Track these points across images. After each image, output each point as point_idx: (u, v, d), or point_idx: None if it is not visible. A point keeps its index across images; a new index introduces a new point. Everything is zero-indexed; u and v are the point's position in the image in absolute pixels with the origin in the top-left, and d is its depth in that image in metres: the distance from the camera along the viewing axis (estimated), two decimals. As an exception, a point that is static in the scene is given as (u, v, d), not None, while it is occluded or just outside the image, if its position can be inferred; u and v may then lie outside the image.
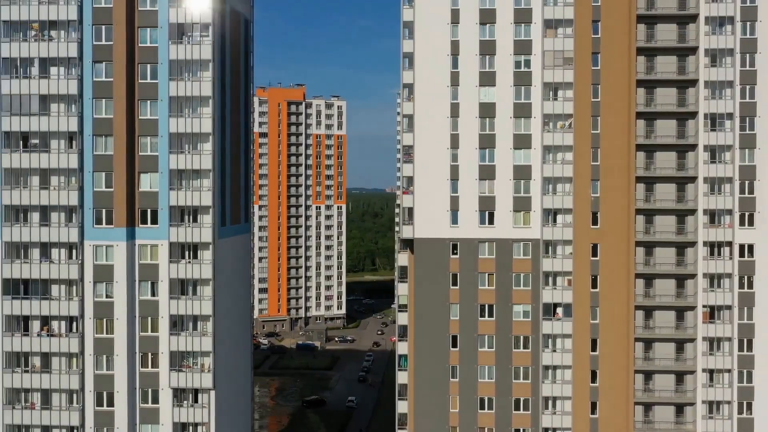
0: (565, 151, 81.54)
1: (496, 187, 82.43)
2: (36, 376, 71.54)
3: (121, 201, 70.94)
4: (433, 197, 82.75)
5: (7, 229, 71.15)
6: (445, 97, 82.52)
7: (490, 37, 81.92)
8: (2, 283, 71.29)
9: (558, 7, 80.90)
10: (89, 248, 71.26)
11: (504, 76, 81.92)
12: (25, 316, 71.91)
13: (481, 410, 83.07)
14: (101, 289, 71.64)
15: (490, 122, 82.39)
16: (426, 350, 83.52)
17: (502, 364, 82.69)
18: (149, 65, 71.59)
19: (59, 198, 70.85)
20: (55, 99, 71.11)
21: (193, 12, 71.08)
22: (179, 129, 71.42)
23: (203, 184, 72.21)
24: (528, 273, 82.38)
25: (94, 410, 71.74)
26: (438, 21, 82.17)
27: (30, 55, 70.64)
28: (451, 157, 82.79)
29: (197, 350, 72.05)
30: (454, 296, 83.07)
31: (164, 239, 71.77)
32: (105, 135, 71.18)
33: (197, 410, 72.21)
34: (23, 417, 71.65)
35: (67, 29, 70.80)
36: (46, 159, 70.92)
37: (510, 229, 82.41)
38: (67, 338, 71.15)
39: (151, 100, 71.63)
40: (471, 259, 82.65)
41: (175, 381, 72.04)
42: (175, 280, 71.96)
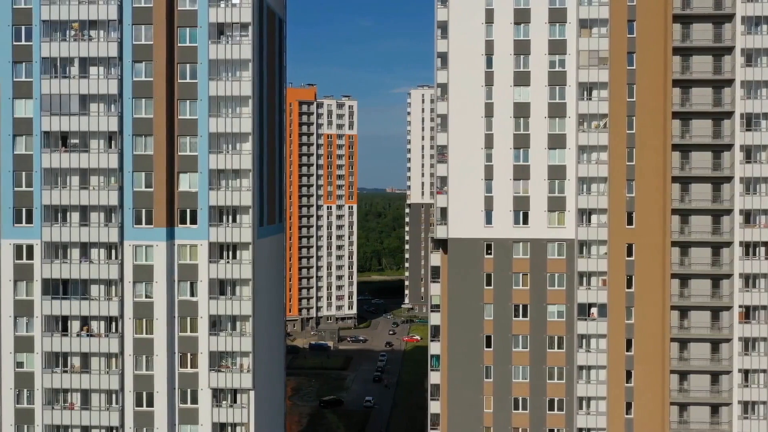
0: (600, 151, 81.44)
1: (531, 187, 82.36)
2: (75, 377, 71.35)
3: (161, 201, 70.78)
4: (468, 197, 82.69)
5: (47, 229, 70.97)
6: (479, 96, 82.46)
7: (525, 37, 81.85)
8: (42, 284, 71.05)
9: (593, 6, 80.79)
10: (129, 248, 71.11)
11: (538, 76, 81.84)
12: (64, 317, 71.69)
13: (516, 410, 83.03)
14: (140, 290, 71.48)
15: (524, 122, 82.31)
16: (460, 350, 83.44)
17: (536, 365, 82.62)
18: (188, 65, 71.41)
19: (99, 198, 70.67)
20: (94, 99, 70.92)
21: (233, 11, 70.88)
22: (219, 129, 71.26)
23: (242, 184, 72.06)
24: (562, 273, 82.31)
25: (134, 411, 71.57)
26: (472, 21, 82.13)
27: (70, 55, 70.43)
28: (485, 157, 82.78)
29: (236, 350, 71.89)
30: (488, 296, 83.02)
31: (203, 239, 71.61)
32: (144, 135, 70.99)
33: (236, 410, 72.07)
34: (63, 417, 71.42)
35: (107, 29, 70.61)
36: (86, 159, 70.74)
37: (544, 229, 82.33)
38: (107, 338, 71.00)
39: (190, 100, 71.46)
40: (505, 259, 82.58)
41: (215, 381, 71.89)
42: (215, 280, 71.80)
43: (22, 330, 71.85)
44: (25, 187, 71.44)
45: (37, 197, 71.19)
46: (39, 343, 71.46)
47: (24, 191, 71.38)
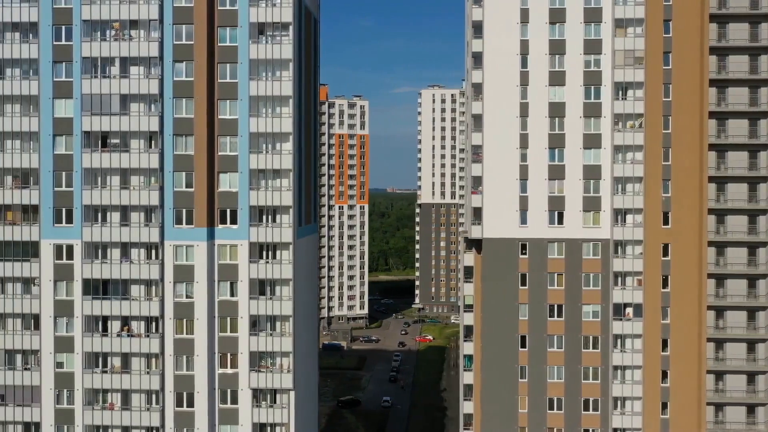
0: (635, 150, 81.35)
1: (566, 186, 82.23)
2: (116, 377, 71.26)
3: (202, 201, 70.70)
4: (502, 197, 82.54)
5: (87, 229, 70.90)
6: (514, 96, 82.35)
7: (560, 37, 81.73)
8: (82, 284, 70.96)
9: (629, 6, 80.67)
10: (169, 248, 71.02)
11: (574, 76, 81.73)
12: (105, 317, 71.60)
13: (550, 410, 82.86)
14: (181, 290, 71.39)
15: (559, 122, 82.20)
16: (494, 351, 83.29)
17: (571, 365, 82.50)
18: (228, 65, 71.33)
19: (140, 198, 70.60)
20: (135, 99, 70.82)
21: (273, 11, 70.79)
22: (259, 129, 71.19)
23: (283, 184, 71.96)
24: (598, 273, 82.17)
25: (174, 411, 71.46)
26: (508, 20, 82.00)
27: (111, 55, 70.35)
28: (520, 156, 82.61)
29: (276, 350, 71.81)
30: (523, 296, 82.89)
31: (244, 239, 71.51)
32: (185, 135, 70.91)
33: (276, 411, 71.95)
34: (103, 418, 71.34)
35: (148, 28, 70.51)
36: (126, 159, 70.66)
37: (579, 229, 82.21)
38: (148, 338, 70.90)
39: (230, 100, 71.38)
40: (540, 259, 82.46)
41: (255, 381, 71.80)
42: (255, 280, 71.72)
43: (62, 330, 71.75)
44: (65, 187, 71.36)
45: (77, 197, 71.09)
46: (79, 344, 71.36)
47: (64, 191, 71.30)
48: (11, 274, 71.92)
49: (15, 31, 71.65)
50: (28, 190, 71.61)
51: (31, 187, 71.69)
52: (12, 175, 72.06)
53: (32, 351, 72.34)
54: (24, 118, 71.47)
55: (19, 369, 72.32)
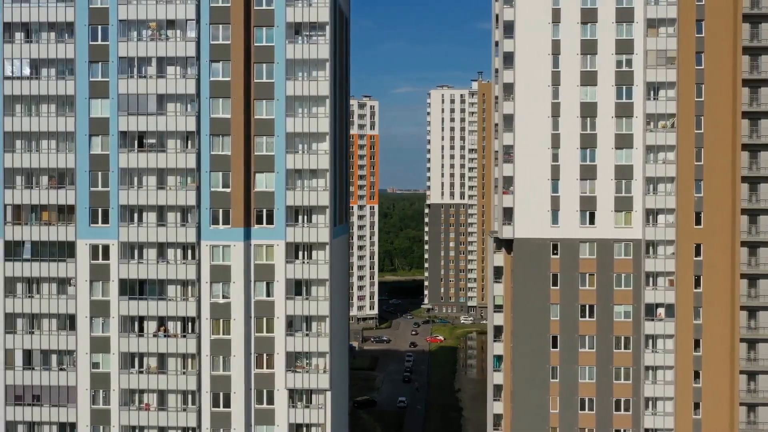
0: (667, 150, 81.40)
1: (598, 187, 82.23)
2: (152, 377, 71.09)
3: (239, 201, 70.58)
4: (534, 197, 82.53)
5: (124, 229, 70.77)
6: (546, 96, 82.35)
7: (592, 37, 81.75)
8: (119, 284, 70.85)
9: (661, 6, 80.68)
10: (206, 248, 70.89)
11: (605, 76, 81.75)
12: (141, 317, 71.46)
13: (582, 411, 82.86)
14: (217, 290, 71.24)
15: (591, 122, 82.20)
16: (525, 351, 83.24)
17: (602, 365, 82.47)
18: (265, 65, 71.17)
19: (176, 198, 70.45)
20: (172, 98, 70.67)
21: (310, 11, 70.68)
22: (296, 129, 71.05)
23: (319, 184, 71.85)
24: (629, 273, 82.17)
25: (211, 411, 71.33)
26: (539, 20, 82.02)
27: (147, 55, 70.19)
28: (551, 156, 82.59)
29: (313, 351, 71.66)
30: (554, 296, 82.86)
31: (280, 239, 71.38)
32: (222, 135, 70.78)
33: (313, 411, 71.84)
34: (139, 418, 71.20)
35: (185, 28, 70.36)
36: (163, 159, 70.51)
37: (611, 229, 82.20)
38: (185, 339, 70.76)
39: (267, 100, 71.22)
40: (572, 260, 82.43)
41: (292, 382, 71.67)
42: (291, 280, 71.58)
43: (98, 330, 71.63)
44: (102, 187, 71.23)
45: (113, 197, 70.96)
46: (115, 344, 71.23)
47: (100, 191, 71.19)
48: (47, 275, 71.72)
49: (51, 30, 71.44)
50: (64, 190, 71.46)
51: (67, 187, 71.52)
52: (48, 175, 71.87)
53: (68, 351, 72.14)
54: (60, 118, 71.29)
55: (55, 369, 72.14)
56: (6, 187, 71.57)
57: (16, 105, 71.65)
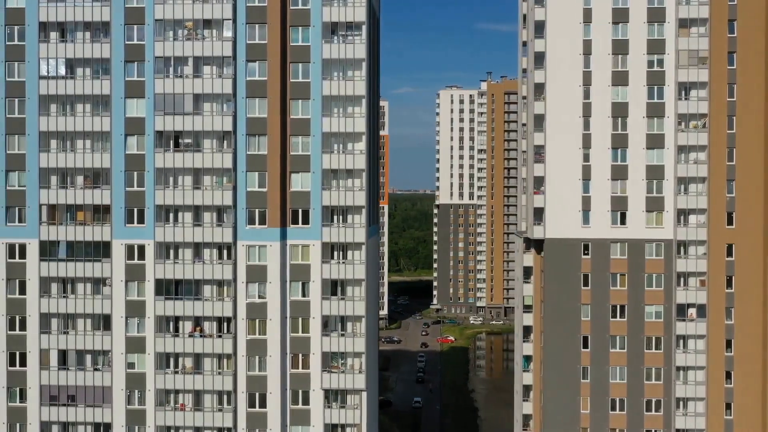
0: (698, 151, 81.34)
1: (629, 187, 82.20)
2: (188, 377, 70.99)
3: (275, 201, 70.48)
4: (565, 197, 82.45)
5: (160, 229, 70.67)
6: (577, 96, 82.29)
7: (623, 37, 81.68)
8: (155, 284, 70.74)
9: (692, 6, 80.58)
10: (242, 248, 70.78)
11: (637, 76, 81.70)
12: (176, 317, 71.36)
13: (613, 411, 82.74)
14: (253, 290, 71.12)
15: (622, 122, 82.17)
16: (556, 351, 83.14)
17: (633, 365, 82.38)
18: (301, 64, 71.06)
19: (213, 198, 70.37)
20: (208, 98, 70.60)
21: (347, 10, 70.57)
22: (332, 128, 70.94)
23: (355, 184, 71.75)
24: (660, 274, 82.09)
25: (247, 412, 71.20)
26: (570, 20, 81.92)
27: (184, 54, 70.10)
28: (582, 156, 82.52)
29: (349, 351, 71.56)
30: (585, 297, 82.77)
31: (316, 239, 71.26)
32: (258, 134, 70.69)
33: (349, 411, 71.73)
34: (175, 418, 71.09)
35: (221, 28, 70.26)
36: (199, 158, 70.43)
37: (642, 230, 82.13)
38: (221, 339, 70.66)
39: (302, 100, 71.12)
40: (603, 260, 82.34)
41: (327, 382, 71.55)
42: (327, 280, 71.46)
43: (134, 331, 71.53)
44: (137, 187, 71.12)
45: (149, 197, 70.85)
46: (151, 344, 71.12)
47: (136, 191, 71.08)
48: (82, 275, 71.62)
49: (86, 30, 71.33)
50: (100, 190, 71.38)
51: (102, 187, 71.44)
52: (83, 175, 71.77)
53: (103, 351, 72.06)
54: (95, 117, 71.22)
55: (90, 369, 72.04)
56: (41, 187, 71.45)
57: (52, 105, 71.59)
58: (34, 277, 71.64)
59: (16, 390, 72.34)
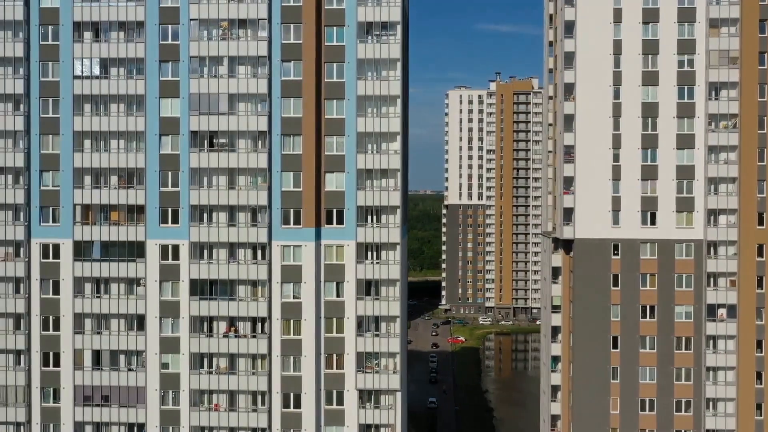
0: (729, 151, 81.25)
1: (659, 187, 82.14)
2: (223, 378, 70.91)
3: (310, 201, 70.42)
4: (595, 197, 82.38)
5: (194, 229, 70.61)
6: (607, 96, 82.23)
7: (653, 37, 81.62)
8: (189, 284, 70.65)
9: (723, 6, 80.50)
10: (277, 248, 70.70)
11: (667, 76, 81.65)
12: (210, 317, 71.25)
13: (642, 411, 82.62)
14: (288, 290, 71.05)
15: (652, 122, 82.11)
16: (586, 352, 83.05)
17: (663, 366, 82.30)
18: (336, 64, 71.00)
19: (248, 198, 70.29)
20: (243, 98, 70.50)
21: (381, 10, 70.49)
22: (367, 128, 70.86)
23: (390, 184, 71.65)
24: (690, 274, 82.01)
25: (281, 412, 71.10)
26: (600, 20, 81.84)
27: (219, 54, 70.03)
28: (612, 157, 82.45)
29: (384, 351, 71.50)
30: (615, 297, 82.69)
31: (351, 239, 71.17)
32: (293, 134, 70.62)
33: (383, 411, 71.63)
34: (210, 418, 70.99)
35: (256, 28, 70.17)
36: (234, 158, 70.36)
37: (672, 230, 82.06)
38: (255, 339, 70.59)
39: (337, 100, 71.05)
40: (633, 260, 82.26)
41: (362, 382, 71.46)
42: (362, 280, 71.37)
43: (168, 331, 71.44)
44: (171, 187, 71.05)
45: (184, 197, 70.79)
46: (186, 344, 71.02)
47: (170, 191, 71.00)
48: (116, 275, 71.55)
49: (120, 30, 71.25)
50: (134, 190, 71.30)
51: (136, 187, 71.36)
52: (117, 175, 71.68)
53: (137, 352, 71.94)
54: (129, 117, 71.14)
55: (124, 370, 71.93)
56: (75, 187, 71.41)
57: (86, 104, 71.53)
58: (68, 277, 71.56)
59: (50, 390, 72.27)
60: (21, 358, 72.18)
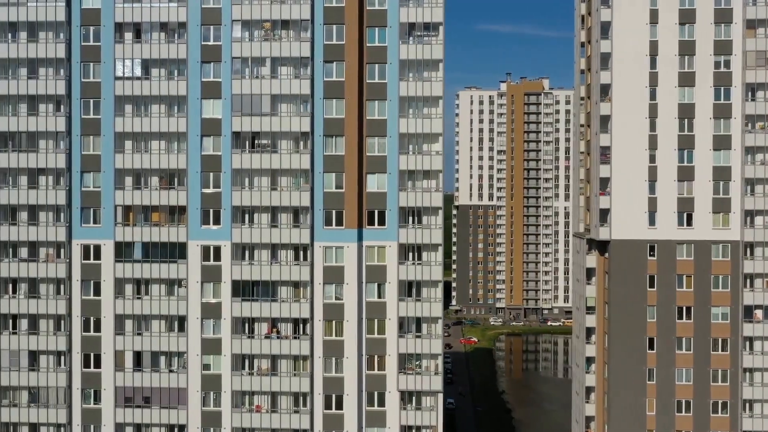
0: (766, 152, 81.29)
1: (695, 188, 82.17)
2: (265, 379, 70.74)
3: (352, 202, 70.26)
4: (631, 198, 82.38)
5: (236, 230, 70.43)
6: (643, 97, 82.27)
7: (690, 38, 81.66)
8: (231, 285, 70.52)
9: (760, 6, 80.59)
10: (319, 250, 70.54)
11: (703, 77, 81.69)
12: (252, 318, 71.09)
13: (679, 413, 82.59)
14: (330, 291, 70.87)
15: (688, 123, 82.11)
16: (622, 353, 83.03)
17: (700, 367, 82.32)
18: (377, 65, 70.79)
19: (290, 199, 70.13)
20: (285, 99, 70.29)
21: (424, 11, 70.34)
22: (409, 129, 70.68)
23: (431, 185, 71.51)
24: (727, 275, 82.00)
25: (323, 413, 70.94)
26: (637, 21, 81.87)
27: (261, 55, 69.87)
28: (648, 158, 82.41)
29: (426, 352, 71.32)
30: (651, 298, 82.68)
31: (392, 240, 70.99)
32: (335, 135, 70.47)
33: (425, 413, 71.47)
34: (252, 420, 70.85)
35: (299, 28, 70.02)
36: (276, 159, 70.21)
37: (709, 231, 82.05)
38: (297, 340, 70.43)
39: (379, 101, 70.86)
40: (669, 261, 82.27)
41: (404, 383, 71.26)
42: (404, 281, 71.18)
43: (209, 332, 71.24)
44: (213, 188, 70.88)
45: (226, 198, 70.62)
46: (227, 346, 70.84)
47: (212, 192, 70.83)
48: (157, 276, 71.39)
49: (161, 31, 71.11)
50: (175, 191, 71.14)
51: (177, 188, 71.20)
52: (158, 176, 71.54)
53: (178, 353, 71.77)
54: (171, 118, 70.98)
55: (164, 371, 71.75)
56: (116, 188, 71.27)
57: (127, 105, 71.33)
58: (109, 279, 71.41)
59: (91, 391, 72.10)
60: (62, 360, 72.02)
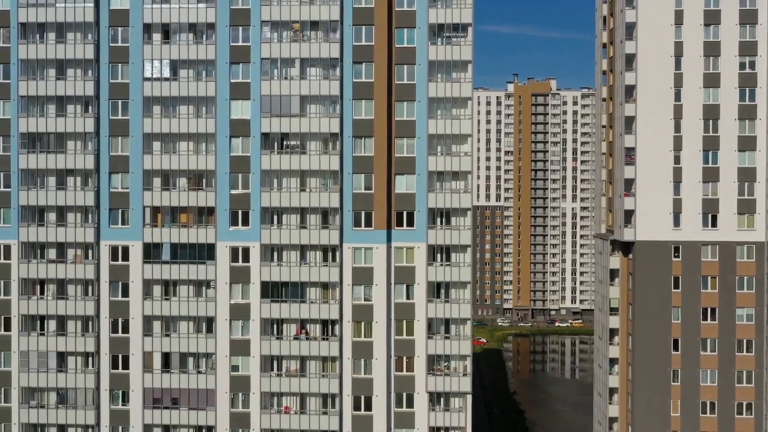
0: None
1: (720, 189, 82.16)
2: (294, 380, 70.67)
3: (381, 203, 70.18)
4: (655, 199, 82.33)
5: (265, 231, 70.35)
6: (668, 98, 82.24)
7: (715, 39, 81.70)
8: (260, 286, 70.44)
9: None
10: (348, 251, 70.48)
11: (728, 78, 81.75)
12: (281, 320, 71.02)
13: (703, 414, 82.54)
14: (359, 292, 70.80)
15: (713, 124, 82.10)
16: (646, 354, 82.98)
17: (724, 368, 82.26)
18: (406, 66, 70.71)
19: (319, 200, 70.09)
20: (315, 100, 70.20)
21: (453, 12, 70.29)
22: (438, 130, 70.63)
23: (460, 186, 71.45)
24: (752, 276, 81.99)
25: (352, 415, 70.88)
26: (661, 22, 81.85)
27: (291, 56, 69.79)
28: (673, 159, 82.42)
29: (454, 354, 71.28)
30: (676, 299, 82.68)
31: (421, 241, 70.90)
32: (364, 136, 70.40)
33: (453, 414, 71.42)
34: (281, 421, 70.77)
35: (328, 30, 69.96)
36: (306, 160, 70.13)
37: (734, 232, 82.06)
38: (327, 341, 70.37)
39: (407, 102, 70.78)
40: (694, 262, 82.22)
41: (432, 385, 71.19)
42: (433, 282, 71.11)
43: (238, 333, 71.15)
44: (242, 189, 70.79)
45: (254, 199, 70.55)
46: (256, 347, 70.77)
47: (241, 193, 70.75)
48: (186, 277, 71.30)
49: (190, 32, 71.04)
50: (204, 192, 71.07)
51: (206, 189, 71.14)
52: (186, 177, 71.47)
53: (206, 354, 71.70)
54: (199, 119, 70.90)
55: (192, 372, 71.68)
56: (144, 189, 71.19)
57: (155, 106, 71.23)
58: (137, 280, 71.33)
59: (119, 393, 72.03)
60: (90, 361, 71.93)
